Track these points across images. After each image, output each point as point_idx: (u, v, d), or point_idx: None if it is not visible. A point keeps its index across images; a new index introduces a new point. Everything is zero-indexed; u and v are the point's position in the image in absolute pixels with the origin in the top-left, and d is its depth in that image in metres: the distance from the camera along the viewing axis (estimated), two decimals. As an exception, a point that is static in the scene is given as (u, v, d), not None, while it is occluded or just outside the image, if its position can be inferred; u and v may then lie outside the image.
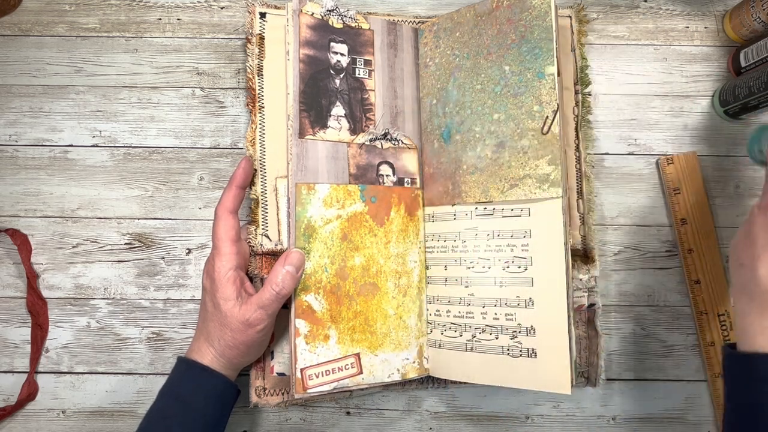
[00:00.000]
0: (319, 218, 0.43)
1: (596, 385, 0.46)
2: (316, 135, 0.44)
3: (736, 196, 0.51)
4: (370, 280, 0.44)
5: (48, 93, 0.50)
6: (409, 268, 0.45)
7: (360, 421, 0.49)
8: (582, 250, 0.45)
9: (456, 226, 0.45)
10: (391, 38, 0.47)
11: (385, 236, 0.44)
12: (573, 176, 0.46)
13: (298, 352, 0.41)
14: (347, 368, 0.42)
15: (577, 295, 0.44)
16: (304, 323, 0.42)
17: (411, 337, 0.45)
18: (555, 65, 0.41)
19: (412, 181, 0.46)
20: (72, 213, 0.49)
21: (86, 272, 0.49)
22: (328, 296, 0.42)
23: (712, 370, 0.48)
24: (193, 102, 0.51)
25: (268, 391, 0.45)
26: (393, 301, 0.44)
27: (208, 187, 0.50)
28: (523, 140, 0.42)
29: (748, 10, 0.49)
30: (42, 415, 0.48)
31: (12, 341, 0.48)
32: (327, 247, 0.43)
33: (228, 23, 0.52)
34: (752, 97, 0.47)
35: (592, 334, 0.45)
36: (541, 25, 0.42)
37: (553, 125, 0.41)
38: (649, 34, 0.53)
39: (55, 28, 0.51)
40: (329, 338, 0.42)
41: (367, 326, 0.43)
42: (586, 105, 0.47)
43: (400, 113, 0.47)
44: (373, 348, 0.43)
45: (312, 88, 0.44)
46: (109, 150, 0.50)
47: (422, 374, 0.45)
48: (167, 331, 0.49)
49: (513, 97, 0.43)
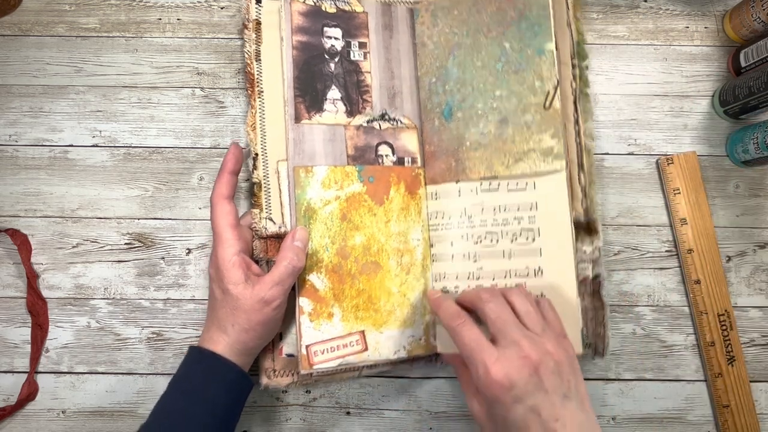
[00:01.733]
0: (318, 200, 0.44)
1: (603, 356, 0.45)
2: (312, 119, 0.45)
3: (736, 196, 0.51)
4: (372, 259, 0.44)
5: (48, 93, 0.50)
6: (411, 246, 0.46)
7: (360, 421, 0.49)
8: (585, 223, 0.45)
9: (461, 203, 0.45)
10: (385, 20, 0.48)
11: (384, 215, 0.45)
12: (573, 149, 0.45)
13: (303, 329, 0.42)
14: (352, 345, 0.43)
15: (582, 267, 0.44)
16: (308, 301, 0.43)
17: (416, 314, 0.45)
18: (554, 42, 0.42)
19: (412, 160, 0.47)
20: (72, 213, 0.49)
21: (86, 272, 0.49)
22: (331, 275, 0.43)
23: (712, 370, 0.48)
24: (193, 102, 0.51)
25: (277, 373, 0.45)
26: (396, 279, 0.45)
27: (208, 187, 0.50)
28: (526, 115, 0.43)
29: (748, 10, 0.49)
30: (42, 415, 0.48)
31: (12, 341, 0.48)
32: (327, 227, 0.44)
33: (228, 23, 0.52)
34: (752, 97, 0.47)
35: (597, 305, 0.45)
36: (539, 3, 0.43)
37: (554, 100, 0.42)
38: (649, 34, 0.53)
39: (55, 28, 0.51)
40: (333, 316, 0.43)
41: (371, 304, 0.44)
42: (584, 78, 0.47)
43: (398, 94, 0.47)
44: (377, 325, 0.44)
45: (306, 74, 0.45)
46: (109, 150, 0.50)
47: (429, 351, 0.45)
48: (167, 331, 0.49)
49: (514, 73, 0.44)
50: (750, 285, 0.50)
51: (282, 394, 0.49)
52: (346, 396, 0.49)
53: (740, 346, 0.49)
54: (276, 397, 0.49)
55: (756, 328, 0.50)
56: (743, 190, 0.51)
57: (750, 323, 0.50)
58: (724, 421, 0.48)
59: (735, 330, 0.49)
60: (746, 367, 0.48)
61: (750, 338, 0.50)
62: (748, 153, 0.48)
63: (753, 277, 0.50)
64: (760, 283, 0.50)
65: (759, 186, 0.51)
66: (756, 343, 0.50)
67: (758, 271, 0.50)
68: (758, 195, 0.51)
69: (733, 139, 0.50)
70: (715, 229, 0.50)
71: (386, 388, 0.49)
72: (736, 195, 0.51)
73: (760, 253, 0.50)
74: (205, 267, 0.49)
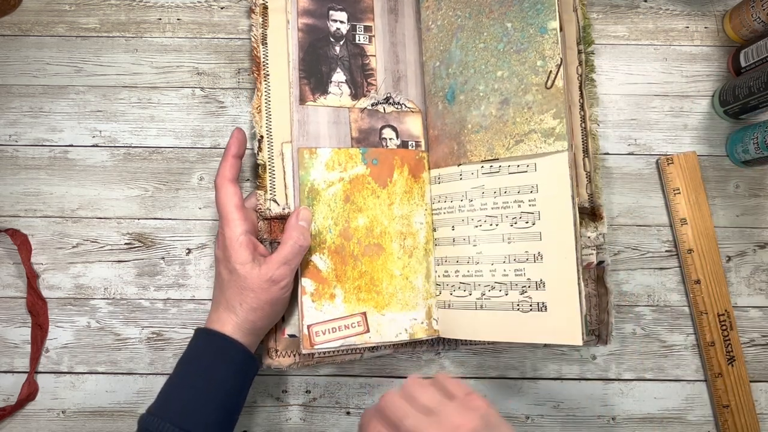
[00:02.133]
0: (322, 181, 0.44)
1: (607, 343, 0.45)
2: (316, 101, 0.45)
3: (736, 196, 0.51)
4: (375, 241, 0.45)
5: (48, 93, 0.50)
6: (414, 229, 0.46)
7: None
8: (589, 208, 0.45)
9: (462, 186, 0.45)
10: (391, 3, 0.48)
11: (388, 197, 0.45)
12: (578, 134, 0.45)
13: (305, 309, 0.43)
14: (354, 326, 0.43)
15: (586, 253, 0.44)
16: (310, 282, 0.43)
17: (419, 297, 0.45)
18: (557, 20, 0.42)
19: (416, 144, 0.47)
20: (72, 213, 0.49)
21: (86, 272, 0.49)
22: (333, 256, 0.44)
23: (712, 370, 0.48)
24: (193, 102, 0.51)
25: (280, 353, 0.45)
26: (398, 262, 0.45)
27: (208, 187, 0.50)
28: (527, 95, 0.42)
29: (748, 10, 0.49)
30: (42, 415, 0.48)
31: (12, 341, 0.48)
32: (330, 208, 0.44)
33: (228, 23, 0.52)
34: (752, 97, 0.47)
35: (601, 291, 0.45)
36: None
37: (557, 79, 0.41)
38: (649, 34, 0.53)
39: (55, 28, 0.51)
40: (335, 297, 0.43)
41: (373, 286, 0.44)
42: (590, 64, 0.47)
43: (403, 77, 0.48)
44: (379, 307, 0.44)
45: (311, 56, 0.45)
46: (109, 150, 0.50)
47: (431, 335, 0.45)
48: (167, 331, 0.49)
49: (516, 53, 0.43)
50: (750, 285, 0.50)
51: (282, 393, 0.49)
52: (346, 396, 0.49)
53: (740, 346, 0.49)
54: (276, 397, 0.49)
55: (756, 328, 0.50)
56: (743, 190, 0.51)
57: (750, 323, 0.50)
58: (724, 421, 0.48)
59: (735, 330, 0.49)
60: (746, 367, 0.48)
61: (750, 338, 0.50)
62: (748, 153, 0.48)
63: (753, 277, 0.50)
64: (760, 283, 0.50)
65: (759, 186, 0.51)
66: (756, 343, 0.50)
67: (758, 271, 0.50)
68: (758, 195, 0.51)
69: (733, 139, 0.50)
70: (715, 229, 0.50)
71: (386, 388, 0.49)
72: (736, 195, 0.51)
73: (760, 253, 0.50)
74: (206, 267, 0.49)
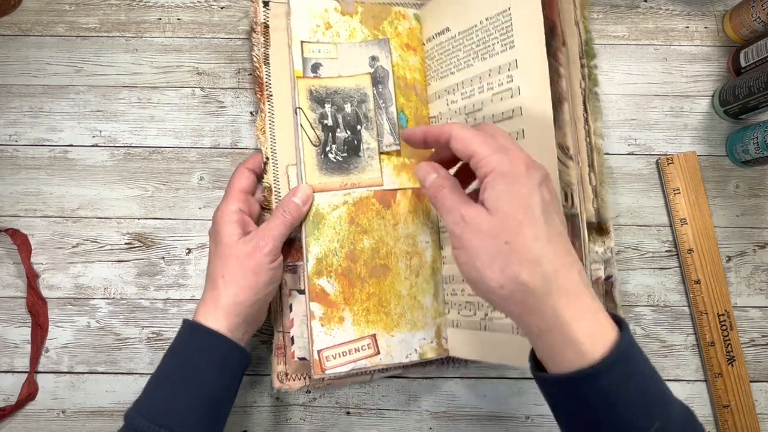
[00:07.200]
0: (326, 204, 0.43)
1: None
2: None
3: (736, 196, 0.51)
4: (381, 262, 0.44)
5: (48, 93, 0.50)
6: (420, 248, 0.45)
7: (360, 421, 0.49)
8: (596, 223, 0.45)
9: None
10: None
11: (392, 218, 0.45)
12: (584, 149, 0.45)
13: (315, 334, 0.42)
14: (364, 349, 0.43)
15: (594, 268, 0.44)
16: (318, 306, 0.42)
17: (428, 317, 0.45)
18: None
19: None
20: (72, 213, 0.49)
21: (86, 272, 0.49)
22: (340, 279, 0.43)
23: (712, 370, 0.48)
24: (193, 102, 0.51)
25: (290, 376, 0.45)
26: (406, 282, 0.45)
27: (208, 187, 0.50)
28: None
29: (748, 10, 0.49)
30: (42, 415, 0.48)
31: (12, 341, 0.48)
32: (336, 231, 0.43)
33: (228, 23, 0.52)
34: (752, 97, 0.47)
35: (610, 306, 0.45)
36: None
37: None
38: (649, 34, 0.53)
39: (55, 28, 0.51)
40: (344, 320, 0.43)
41: (381, 307, 0.44)
42: (593, 78, 0.47)
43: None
44: (389, 329, 0.44)
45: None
46: (109, 150, 0.50)
47: (441, 354, 0.45)
48: (167, 331, 0.49)
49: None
50: (750, 285, 0.50)
51: (282, 393, 0.49)
52: (346, 396, 0.49)
53: (740, 346, 0.49)
54: (276, 397, 0.49)
55: (756, 328, 0.50)
56: (743, 190, 0.51)
57: (750, 323, 0.50)
58: (724, 421, 0.48)
59: (735, 330, 0.49)
60: (746, 367, 0.48)
61: (750, 338, 0.50)
62: (748, 153, 0.48)
63: (753, 277, 0.50)
64: (760, 283, 0.50)
65: (759, 186, 0.51)
66: (756, 343, 0.50)
67: (758, 271, 0.50)
68: (758, 195, 0.51)
69: (733, 139, 0.50)
70: (715, 229, 0.50)
71: (386, 388, 0.49)
72: (736, 195, 0.51)
73: (760, 253, 0.50)
74: (206, 267, 0.49)
